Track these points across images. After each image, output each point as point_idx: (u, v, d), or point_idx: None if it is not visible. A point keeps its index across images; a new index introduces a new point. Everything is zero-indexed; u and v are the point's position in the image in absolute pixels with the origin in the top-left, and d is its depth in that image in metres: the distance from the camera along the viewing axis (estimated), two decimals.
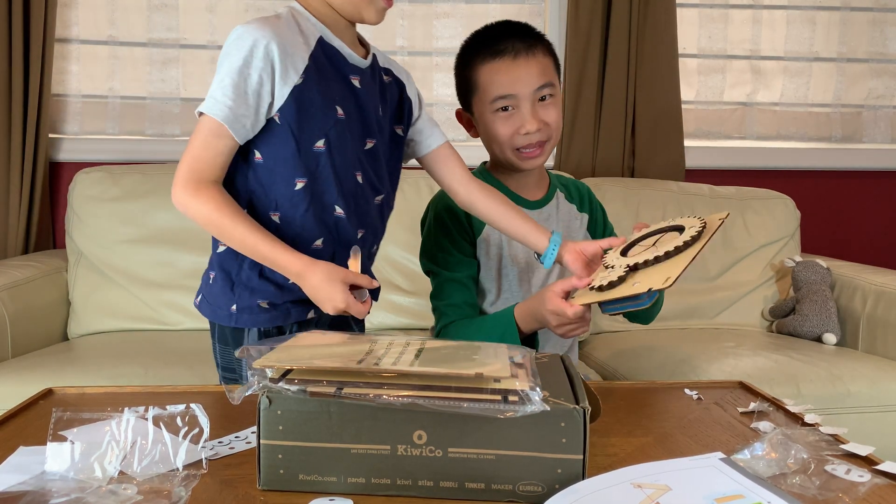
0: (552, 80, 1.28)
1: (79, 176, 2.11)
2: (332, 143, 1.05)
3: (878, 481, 0.75)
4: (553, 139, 1.30)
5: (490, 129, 1.29)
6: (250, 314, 1.09)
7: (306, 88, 1.03)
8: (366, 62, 1.12)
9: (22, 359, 1.73)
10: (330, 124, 1.05)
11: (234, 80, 1.00)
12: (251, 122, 1.02)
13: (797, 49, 2.59)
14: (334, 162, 1.06)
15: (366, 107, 1.10)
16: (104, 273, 2.05)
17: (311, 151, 1.05)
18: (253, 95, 1.00)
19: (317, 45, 1.05)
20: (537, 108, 1.27)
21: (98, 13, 2.35)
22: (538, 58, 1.27)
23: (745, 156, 2.57)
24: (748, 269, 2.25)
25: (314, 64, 1.04)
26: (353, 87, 1.09)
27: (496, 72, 1.27)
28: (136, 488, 0.69)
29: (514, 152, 1.29)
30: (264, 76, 1.00)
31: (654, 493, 0.67)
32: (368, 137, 1.11)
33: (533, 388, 0.67)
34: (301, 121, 1.03)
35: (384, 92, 1.16)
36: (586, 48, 2.36)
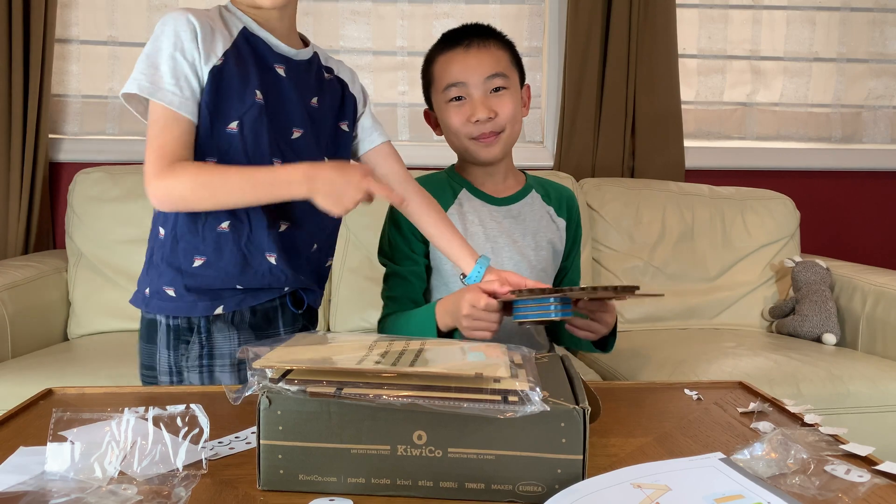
0: (505, 71, 1.30)
1: (79, 176, 2.11)
2: (245, 127, 1.05)
3: (877, 481, 0.74)
4: (508, 132, 1.31)
5: (444, 118, 1.32)
6: (159, 300, 1.10)
7: (225, 70, 1.04)
8: (297, 53, 1.13)
9: (22, 359, 1.73)
10: (245, 108, 1.05)
11: (170, 66, 1.02)
12: (184, 98, 1.02)
13: (797, 49, 2.59)
14: (246, 146, 1.06)
15: (290, 95, 1.11)
16: (104, 273, 2.05)
17: (223, 132, 1.05)
18: (192, 77, 1.03)
19: (240, 34, 1.08)
20: (489, 98, 1.28)
21: (98, 14, 2.35)
22: (491, 49, 1.30)
23: (745, 156, 2.58)
24: (748, 269, 2.25)
25: (235, 49, 1.06)
26: (278, 74, 1.10)
27: (449, 61, 1.30)
28: (136, 488, 0.69)
29: (469, 141, 1.30)
30: (194, 57, 1.03)
31: (653, 494, 0.66)
32: (295, 127, 1.12)
33: (533, 389, 0.67)
34: (216, 101, 1.04)
35: (322, 85, 1.17)
36: (586, 48, 2.36)
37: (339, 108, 1.20)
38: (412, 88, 2.47)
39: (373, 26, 2.44)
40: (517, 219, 1.36)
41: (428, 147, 2.45)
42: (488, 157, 1.31)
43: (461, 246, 1.18)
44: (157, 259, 1.10)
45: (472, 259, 1.16)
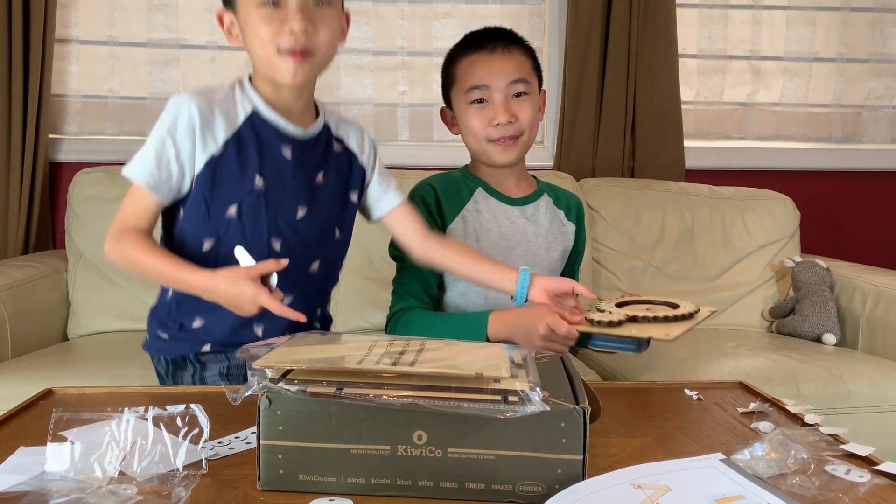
0: (527, 77, 1.33)
1: (78, 176, 2.11)
2: (244, 212, 1.09)
3: (878, 481, 0.74)
4: (527, 137, 1.35)
5: (464, 119, 1.34)
6: (156, 341, 1.19)
7: (224, 158, 1.08)
8: (305, 132, 1.14)
9: (22, 359, 1.73)
10: (244, 193, 1.09)
11: (157, 149, 1.06)
12: (172, 186, 1.08)
13: (797, 49, 2.59)
14: (244, 230, 1.10)
15: (296, 175, 1.13)
16: (104, 273, 2.05)
17: (221, 217, 1.09)
18: (174, 163, 1.06)
19: (247, 120, 1.10)
20: (510, 102, 1.31)
21: (98, 13, 2.35)
22: (514, 55, 1.32)
23: (745, 156, 2.58)
24: (748, 269, 2.25)
25: (237, 137, 1.09)
26: (283, 157, 1.12)
27: (473, 64, 1.32)
28: (136, 488, 0.69)
29: (488, 144, 1.33)
30: (184, 146, 1.06)
31: (654, 494, 0.66)
32: (300, 205, 1.14)
33: (533, 389, 0.67)
34: (214, 188, 1.08)
35: (330, 160, 1.18)
36: (586, 48, 2.36)
37: (347, 179, 1.21)
38: (412, 88, 2.47)
39: (373, 26, 2.44)
40: (530, 219, 1.40)
41: (428, 147, 2.45)
42: (506, 160, 1.35)
43: (494, 267, 1.20)
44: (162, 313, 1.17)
45: (511, 276, 1.18)
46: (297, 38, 1.03)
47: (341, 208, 1.20)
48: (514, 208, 1.40)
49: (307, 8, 1.04)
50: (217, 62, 2.39)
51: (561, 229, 1.44)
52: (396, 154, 2.43)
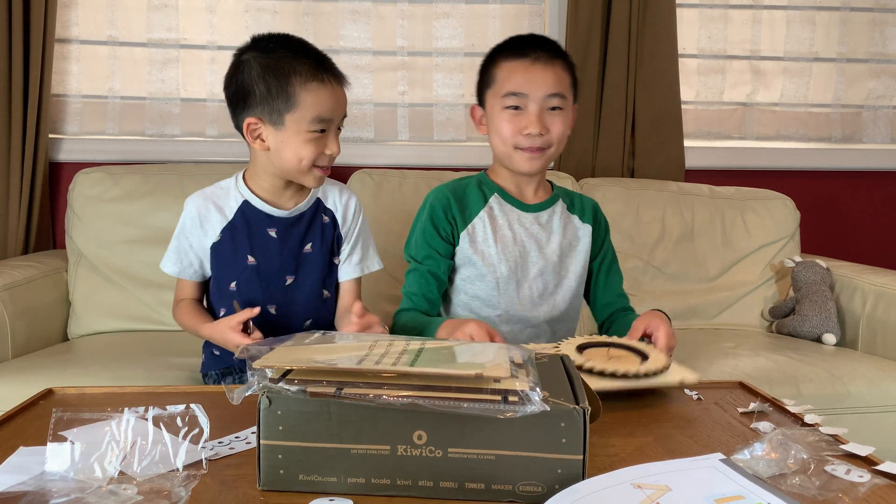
0: (565, 92, 1.35)
1: (79, 176, 2.11)
2: (242, 285, 1.35)
3: (878, 482, 0.75)
4: (554, 150, 1.36)
5: (496, 122, 1.36)
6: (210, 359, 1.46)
7: (222, 244, 1.35)
8: (291, 212, 1.37)
9: (22, 359, 1.73)
10: (240, 270, 1.35)
11: (176, 244, 1.38)
12: (196, 270, 1.39)
13: (797, 49, 2.59)
14: (244, 299, 1.34)
15: (282, 252, 1.36)
16: (104, 273, 2.05)
17: (226, 290, 1.36)
18: (191, 252, 1.38)
19: (238, 211, 1.35)
20: (544, 114, 1.33)
21: (98, 13, 2.35)
22: (556, 68, 1.34)
23: (745, 156, 2.57)
24: (748, 269, 2.25)
25: (231, 226, 1.35)
26: (270, 237, 1.36)
27: (514, 70, 1.34)
28: (136, 488, 0.69)
29: (515, 150, 1.35)
30: (193, 239, 1.37)
31: (654, 494, 0.67)
32: (287, 275, 1.37)
33: (533, 389, 0.67)
34: (218, 268, 1.37)
35: (315, 231, 1.39)
36: (586, 48, 2.36)
37: (331, 246, 1.41)
38: (412, 88, 2.47)
39: (373, 26, 2.44)
40: (544, 226, 1.43)
41: (427, 147, 2.45)
42: (530, 169, 1.37)
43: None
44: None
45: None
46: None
47: (327, 272, 1.41)
48: (529, 214, 1.42)
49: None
50: (217, 62, 2.39)
51: (576, 234, 1.45)
52: (396, 154, 2.43)
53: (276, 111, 1.25)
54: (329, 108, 1.26)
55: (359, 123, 2.45)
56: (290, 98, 1.24)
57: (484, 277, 1.40)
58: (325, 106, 1.26)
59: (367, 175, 2.20)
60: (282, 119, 1.26)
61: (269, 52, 1.26)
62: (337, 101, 1.28)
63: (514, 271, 1.40)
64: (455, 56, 2.47)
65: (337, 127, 1.30)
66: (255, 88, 1.25)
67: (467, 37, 2.47)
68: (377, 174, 2.20)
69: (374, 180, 2.18)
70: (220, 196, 1.36)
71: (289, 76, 1.24)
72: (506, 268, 1.39)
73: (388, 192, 2.16)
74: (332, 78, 1.28)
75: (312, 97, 1.25)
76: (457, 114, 2.47)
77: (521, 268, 1.40)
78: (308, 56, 1.27)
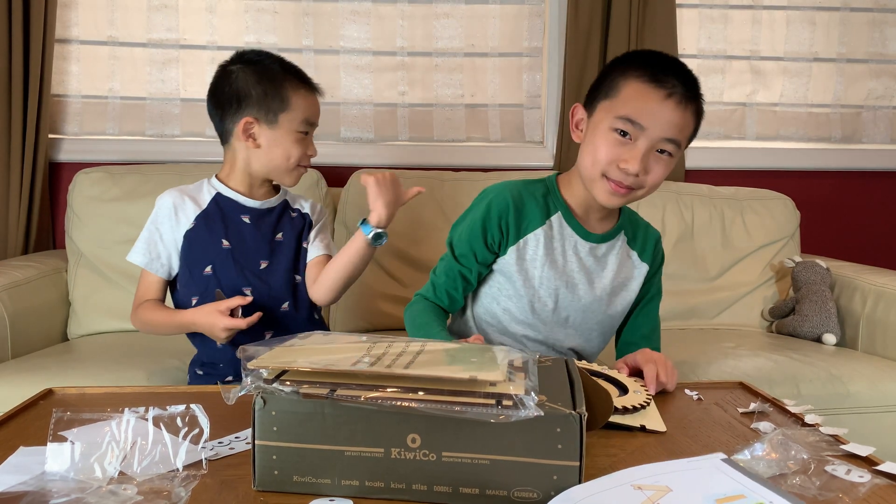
0: (682, 140, 1.20)
1: (79, 176, 2.11)
2: (218, 268, 1.40)
3: (878, 482, 0.75)
4: (643, 192, 1.22)
5: (596, 140, 1.20)
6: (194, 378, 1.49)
7: (196, 230, 1.40)
8: (262, 203, 1.46)
9: (22, 359, 1.73)
10: (215, 254, 1.40)
11: (146, 235, 1.42)
12: (163, 263, 1.41)
13: (797, 50, 2.59)
14: (220, 282, 1.39)
15: (255, 236, 1.43)
16: (104, 273, 2.05)
17: (200, 276, 1.40)
18: (159, 244, 1.41)
19: (212, 200, 1.43)
20: (650, 155, 1.17)
21: (98, 14, 2.35)
22: (687, 113, 1.19)
23: (745, 156, 2.57)
24: (748, 269, 2.25)
25: (205, 213, 1.42)
26: (243, 222, 1.43)
27: (643, 94, 1.17)
28: (136, 489, 0.69)
29: (601, 178, 1.20)
30: (165, 230, 1.41)
31: (654, 495, 0.66)
32: (261, 259, 1.43)
33: (528, 393, 0.66)
34: (191, 254, 1.40)
35: (286, 222, 1.49)
36: (586, 48, 2.36)
37: (300, 235, 1.50)
38: (412, 89, 2.47)
39: (373, 26, 2.44)
40: (600, 259, 1.31)
41: (428, 147, 2.45)
42: (608, 203, 1.23)
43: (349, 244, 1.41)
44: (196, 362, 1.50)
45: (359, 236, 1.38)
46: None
47: (300, 258, 1.49)
48: (587, 244, 1.30)
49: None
50: (217, 62, 2.36)
51: (631, 272, 1.34)
52: (396, 154, 2.43)
53: (271, 111, 1.39)
54: (314, 113, 1.45)
55: (359, 124, 2.45)
56: (285, 100, 1.39)
57: (521, 297, 1.30)
58: (312, 111, 1.44)
59: None
60: (276, 118, 1.39)
61: (257, 63, 1.41)
62: (318, 108, 1.46)
63: (556, 300, 1.30)
64: (455, 56, 2.47)
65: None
66: (251, 91, 1.38)
67: (467, 37, 2.46)
68: None
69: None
70: (192, 190, 1.45)
71: (282, 81, 1.40)
72: (546, 294, 1.29)
73: None
74: (313, 88, 1.45)
75: (303, 101, 1.41)
76: (457, 114, 2.47)
77: (564, 297, 1.29)
78: (291, 68, 1.44)
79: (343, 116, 2.44)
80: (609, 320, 1.35)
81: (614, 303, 1.34)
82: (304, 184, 2.14)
